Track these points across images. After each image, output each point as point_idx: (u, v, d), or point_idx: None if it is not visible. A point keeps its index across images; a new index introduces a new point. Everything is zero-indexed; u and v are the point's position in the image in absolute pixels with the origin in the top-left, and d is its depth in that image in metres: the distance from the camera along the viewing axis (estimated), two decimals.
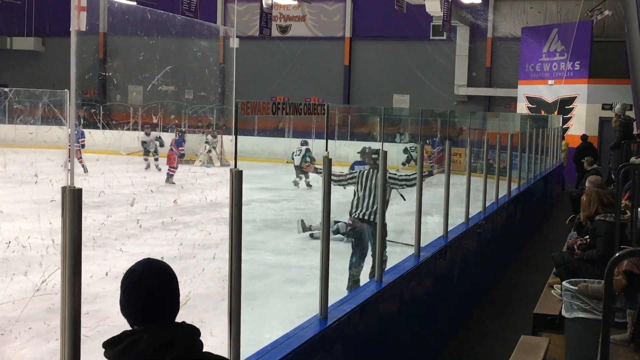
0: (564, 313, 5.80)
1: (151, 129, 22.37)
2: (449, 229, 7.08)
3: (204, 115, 27.67)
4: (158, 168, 20.54)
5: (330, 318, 4.14)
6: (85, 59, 25.70)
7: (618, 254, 3.02)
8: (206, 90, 27.99)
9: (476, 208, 8.54)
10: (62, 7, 27.59)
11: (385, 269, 5.59)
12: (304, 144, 18.51)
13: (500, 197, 9.88)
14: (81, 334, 2.28)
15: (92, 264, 7.60)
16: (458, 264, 7.22)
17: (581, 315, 5.57)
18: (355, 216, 8.00)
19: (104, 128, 25.77)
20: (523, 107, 23.10)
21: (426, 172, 7.88)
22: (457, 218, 7.85)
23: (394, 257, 7.47)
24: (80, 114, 24.32)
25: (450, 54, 26.94)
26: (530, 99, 23.07)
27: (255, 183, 16.82)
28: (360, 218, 7.92)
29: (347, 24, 28.40)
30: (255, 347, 3.57)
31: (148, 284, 2.11)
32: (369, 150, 10.01)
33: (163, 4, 21.75)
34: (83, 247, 2.28)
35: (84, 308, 2.35)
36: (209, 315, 6.34)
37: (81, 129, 20.35)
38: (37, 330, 6.42)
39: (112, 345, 2.05)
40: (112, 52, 31.24)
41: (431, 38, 27.16)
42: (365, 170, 8.15)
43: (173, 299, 2.17)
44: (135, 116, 27.02)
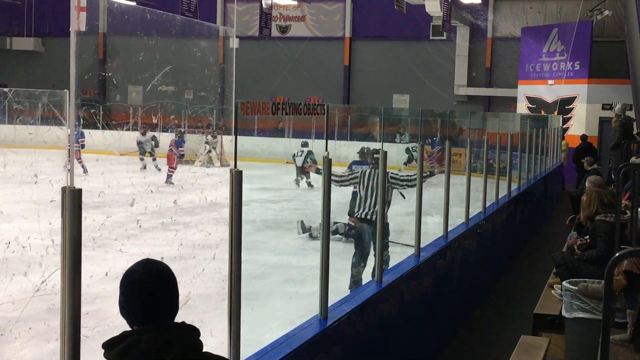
0: (564, 313, 5.80)
1: (147, 128, 22.28)
2: (449, 229, 7.08)
3: (204, 116, 27.66)
4: (158, 168, 20.51)
5: (330, 318, 4.14)
6: (84, 59, 25.71)
7: (618, 254, 3.01)
8: (206, 90, 27.98)
9: (476, 208, 8.54)
10: (62, 8, 27.57)
11: (388, 267, 5.59)
12: (305, 145, 18.51)
13: (500, 197, 9.88)
14: (81, 334, 2.28)
15: (92, 264, 7.60)
16: (458, 264, 7.21)
17: (581, 315, 5.57)
18: (357, 216, 8.01)
19: (104, 128, 25.74)
20: (523, 107, 23.10)
21: (427, 173, 7.87)
22: (457, 218, 7.85)
23: (394, 258, 7.48)
24: (80, 114, 24.29)
25: (450, 54, 26.93)
26: (530, 99, 23.07)
27: (255, 183, 16.81)
28: (363, 218, 7.93)
29: (347, 24, 28.39)
30: (255, 347, 3.57)
31: (147, 284, 2.11)
32: (367, 151, 10.03)
33: (163, 4, 21.67)
34: (83, 248, 2.28)
35: (84, 308, 2.35)
36: (209, 315, 6.33)
37: (81, 129, 20.33)
38: (37, 330, 6.42)
39: (112, 345, 2.05)
40: (112, 53, 31.23)
41: (431, 38, 27.15)
42: (367, 170, 8.16)
43: (172, 299, 2.17)
44: (135, 116, 26.99)
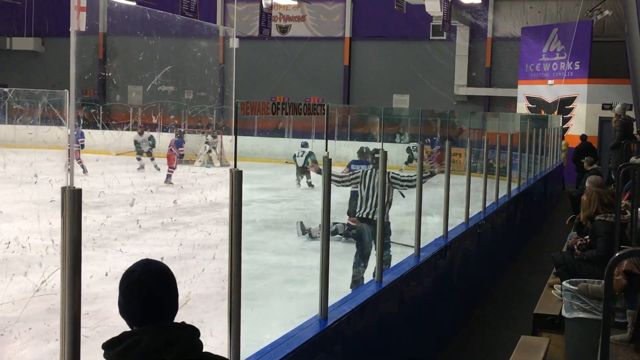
0: (564, 313, 5.80)
1: (144, 128, 22.27)
2: (449, 229, 7.08)
3: (204, 116, 27.65)
4: (157, 168, 20.51)
5: (330, 318, 4.14)
6: (84, 59, 25.69)
7: (618, 254, 3.02)
8: (206, 90, 27.98)
9: (476, 208, 8.54)
10: (62, 8, 27.57)
11: (389, 267, 5.59)
12: (305, 146, 18.53)
13: (500, 197, 9.88)
14: (81, 334, 2.28)
15: (92, 264, 7.59)
16: (458, 264, 7.21)
17: (581, 315, 5.57)
18: (358, 216, 8.01)
19: (104, 128, 25.75)
20: (523, 107, 23.09)
21: (428, 173, 7.87)
22: (457, 218, 7.85)
23: (394, 258, 7.49)
24: (80, 114, 24.28)
25: (450, 54, 26.93)
26: (530, 99, 23.07)
27: (255, 183, 16.81)
28: (364, 218, 7.94)
29: (347, 24, 28.39)
30: (255, 348, 3.56)
31: (147, 285, 2.11)
32: (366, 150, 10.05)
33: (163, 4, 21.70)
34: (83, 248, 2.27)
35: (84, 308, 2.35)
36: (209, 315, 6.33)
37: (80, 130, 20.32)
38: (37, 330, 6.42)
39: (112, 346, 2.04)
40: (112, 53, 31.23)
41: (431, 38, 27.15)
42: (368, 170, 8.17)
43: (171, 299, 2.16)
44: (135, 116, 26.98)
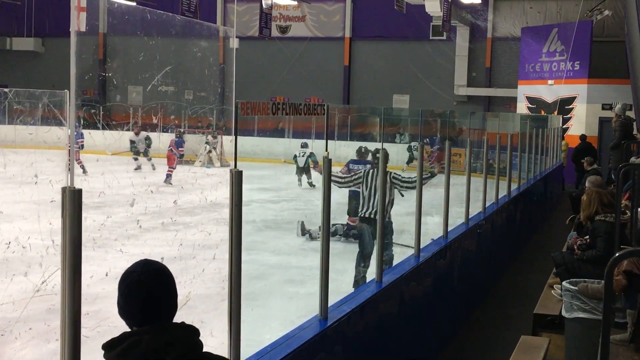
0: (564, 313, 5.80)
1: (141, 128, 22.27)
2: (449, 229, 7.08)
3: (204, 116, 27.65)
4: (153, 167, 20.50)
5: (330, 318, 4.14)
6: (84, 60, 25.66)
7: (618, 254, 3.01)
8: (206, 90, 27.97)
9: (476, 208, 8.54)
10: (62, 8, 27.54)
11: (391, 266, 5.59)
12: (305, 146, 18.55)
13: (500, 198, 9.88)
14: (81, 334, 2.28)
15: (92, 264, 7.59)
16: (458, 264, 7.21)
17: (581, 315, 5.57)
18: (361, 215, 8.03)
19: (104, 128, 25.74)
20: (523, 107, 23.09)
21: (428, 174, 7.86)
22: (457, 218, 7.86)
23: (395, 258, 7.49)
24: (80, 114, 24.29)
25: (450, 54, 26.93)
26: (530, 99, 23.06)
27: (255, 183, 16.81)
28: (366, 217, 7.95)
29: (347, 24, 28.39)
30: (255, 348, 3.57)
31: (146, 285, 2.11)
32: (365, 150, 10.07)
33: (163, 4, 21.78)
34: (83, 248, 2.28)
35: (84, 309, 2.35)
36: (209, 315, 6.34)
37: (80, 130, 20.32)
38: (37, 330, 6.42)
39: (112, 347, 2.05)
40: (112, 53, 31.23)
41: (431, 38, 27.14)
42: (369, 170, 8.18)
43: (171, 300, 2.17)
44: (135, 117, 26.99)
